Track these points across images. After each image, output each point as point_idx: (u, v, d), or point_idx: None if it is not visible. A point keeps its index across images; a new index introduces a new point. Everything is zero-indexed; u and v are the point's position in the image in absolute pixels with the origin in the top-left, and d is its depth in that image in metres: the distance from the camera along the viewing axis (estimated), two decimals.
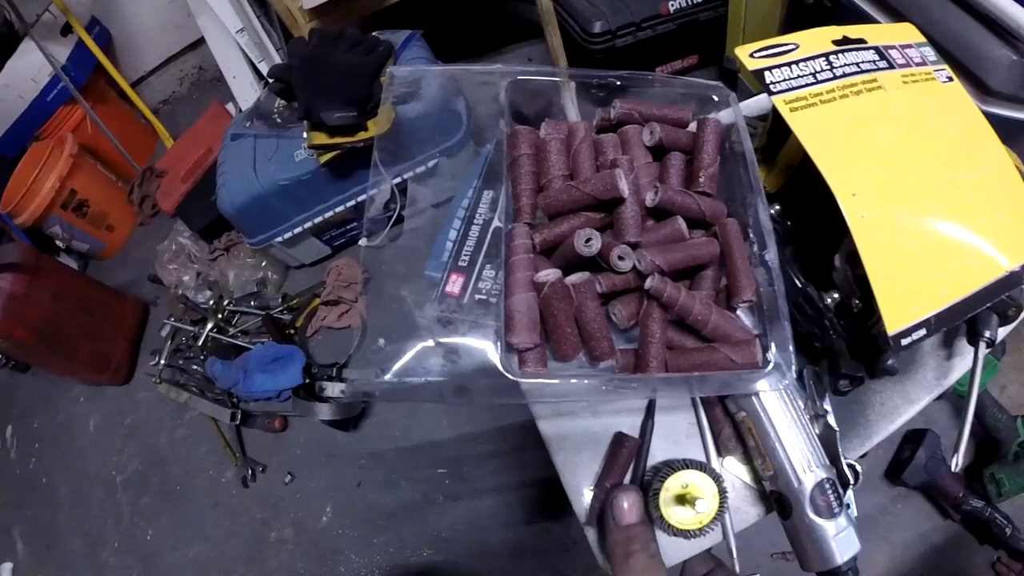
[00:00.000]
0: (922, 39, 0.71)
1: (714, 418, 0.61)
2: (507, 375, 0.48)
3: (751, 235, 0.56)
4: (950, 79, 0.68)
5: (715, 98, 0.64)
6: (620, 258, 0.50)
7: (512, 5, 2.09)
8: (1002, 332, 0.63)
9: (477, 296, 0.57)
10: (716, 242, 0.54)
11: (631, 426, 0.62)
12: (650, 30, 1.56)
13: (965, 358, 0.67)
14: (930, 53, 0.70)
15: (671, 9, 1.55)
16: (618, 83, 0.59)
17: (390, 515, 1.46)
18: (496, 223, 0.60)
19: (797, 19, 1.34)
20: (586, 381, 0.49)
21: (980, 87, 0.96)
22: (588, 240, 0.49)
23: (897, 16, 1.06)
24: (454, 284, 0.59)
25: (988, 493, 1.23)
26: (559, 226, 0.53)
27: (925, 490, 1.28)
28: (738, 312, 0.56)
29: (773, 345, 0.53)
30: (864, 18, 1.12)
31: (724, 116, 0.65)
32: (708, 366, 0.53)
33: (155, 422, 1.78)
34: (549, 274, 0.50)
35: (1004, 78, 0.94)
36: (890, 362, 0.62)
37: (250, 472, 1.58)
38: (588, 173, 0.55)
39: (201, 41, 2.02)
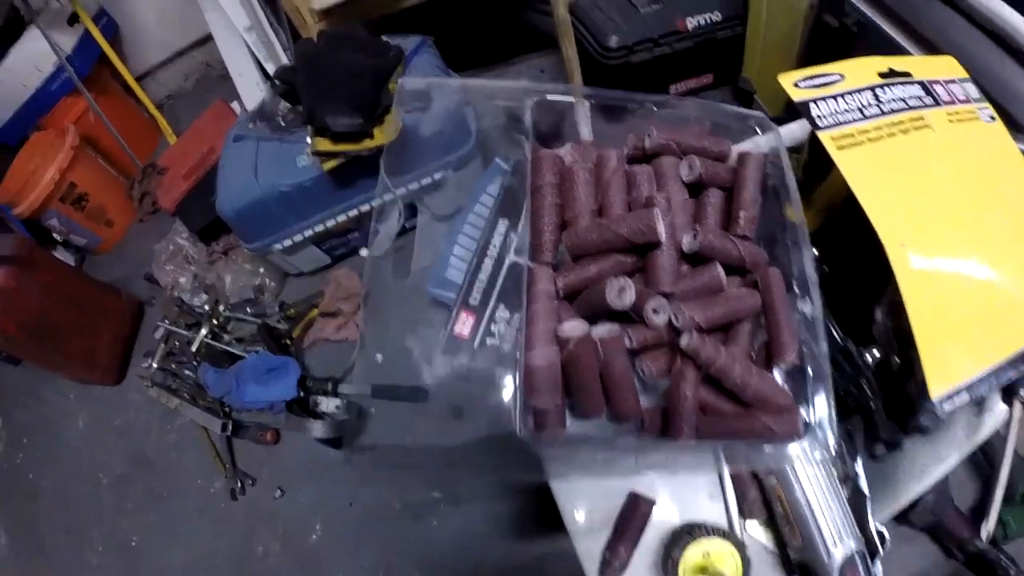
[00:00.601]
0: (964, 74, 0.69)
1: (740, 479, 0.56)
2: (525, 440, 0.43)
3: (794, 286, 0.51)
4: (993, 118, 0.66)
5: (758, 130, 0.58)
6: (655, 311, 0.44)
7: (525, 15, 2.05)
8: None
9: (489, 340, 0.52)
10: (757, 295, 0.49)
11: (647, 485, 0.56)
12: (667, 47, 1.51)
13: (996, 414, 0.62)
14: (973, 90, 0.67)
15: (689, 26, 1.50)
16: (655, 108, 0.54)
17: (381, 535, 1.41)
18: (513, 257, 0.54)
19: (819, 42, 1.30)
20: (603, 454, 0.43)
21: (1009, 122, 0.93)
22: (621, 291, 0.43)
23: (926, 44, 1.04)
24: (464, 324, 0.53)
25: (995, 534, 1.20)
26: (586, 269, 0.47)
27: (931, 530, 1.24)
28: (774, 371, 0.50)
29: (813, 410, 0.48)
30: (890, 44, 1.09)
31: (759, 145, 0.60)
32: (744, 434, 0.47)
33: (145, 425, 1.73)
34: (575, 327, 0.44)
35: None
36: (924, 421, 0.58)
37: (239, 484, 1.53)
38: (619, 209, 0.50)
39: (209, 37, 1.97)
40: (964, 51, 0.95)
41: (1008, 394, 0.59)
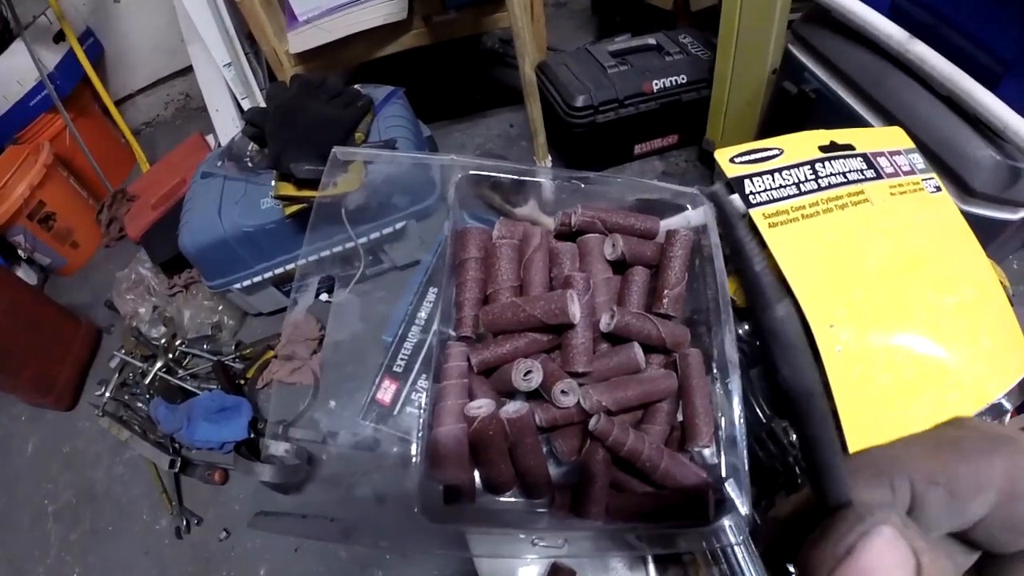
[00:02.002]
0: (911, 144, 0.68)
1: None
2: (424, 516, 0.42)
3: (714, 367, 0.51)
4: (938, 189, 0.65)
5: (688, 207, 0.60)
6: (563, 392, 0.45)
7: (498, 70, 2.09)
8: None
9: (409, 408, 0.52)
10: (674, 376, 0.49)
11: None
12: (632, 108, 1.54)
13: None
14: (919, 160, 0.67)
15: (655, 88, 1.54)
16: (583, 185, 0.55)
17: None
18: (436, 326, 0.55)
19: (780, 108, 1.34)
20: (515, 538, 0.43)
21: (963, 188, 0.95)
22: (527, 374, 0.44)
23: (881, 111, 1.05)
24: (386, 391, 0.53)
25: None
26: (501, 346, 0.48)
27: None
28: (691, 452, 0.51)
29: (728, 491, 0.48)
30: (847, 112, 1.11)
31: (695, 216, 0.60)
32: (656, 515, 0.47)
33: (94, 455, 1.69)
34: (482, 406, 0.44)
35: (987, 179, 0.93)
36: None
37: (185, 523, 1.49)
38: (539, 287, 0.50)
39: (191, 68, 2.00)
40: (920, 118, 0.98)
41: None
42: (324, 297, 1.01)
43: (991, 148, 0.92)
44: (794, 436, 0.61)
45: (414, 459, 0.44)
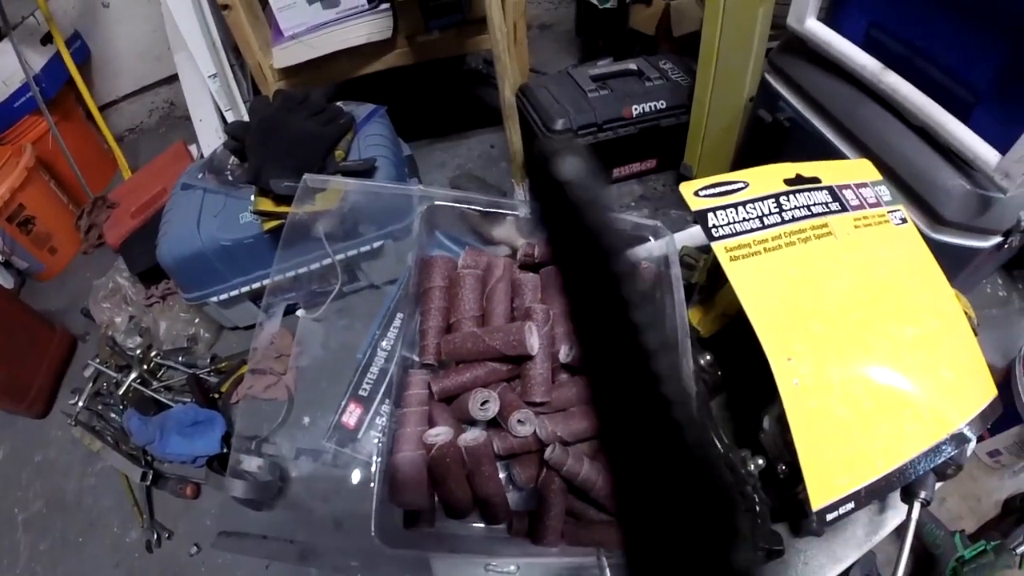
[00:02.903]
0: (878, 176, 0.69)
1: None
2: (378, 541, 0.43)
3: None
4: (903, 221, 0.66)
5: (651, 239, 0.61)
6: (520, 422, 0.46)
7: (481, 90, 2.11)
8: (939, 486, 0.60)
9: (372, 432, 0.53)
10: None
11: None
12: (611, 132, 1.56)
13: (899, 511, 0.63)
14: (885, 193, 0.67)
15: (634, 113, 1.56)
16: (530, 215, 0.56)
17: None
18: (400, 352, 0.56)
19: (755, 135, 1.36)
20: (469, 562, 0.44)
21: (933, 216, 0.96)
22: (484, 403, 0.45)
23: (854, 140, 1.06)
24: (351, 415, 0.54)
25: None
26: (461, 375, 0.49)
27: None
28: None
29: None
30: (820, 140, 1.12)
31: (657, 247, 0.62)
32: (610, 542, 0.48)
33: (65, 465, 1.66)
34: (440, 434, 0.45)
35: (957, 207, 0.93)
36: (815, 524, 0.59)
37: (156, 536, 1.47)
38: (500, 318, 0.51)
39: (177, 77, 1.99)
40: (892, 148, 0.99)
41: (907, 494, 0.59)
42: (300, 313, 1.01)
43: (962, 178, 0.93)
44: (752, 467, 0.62)
45: (372, 484, 0.45)
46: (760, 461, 0.62)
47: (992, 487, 1.27)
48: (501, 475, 0.49)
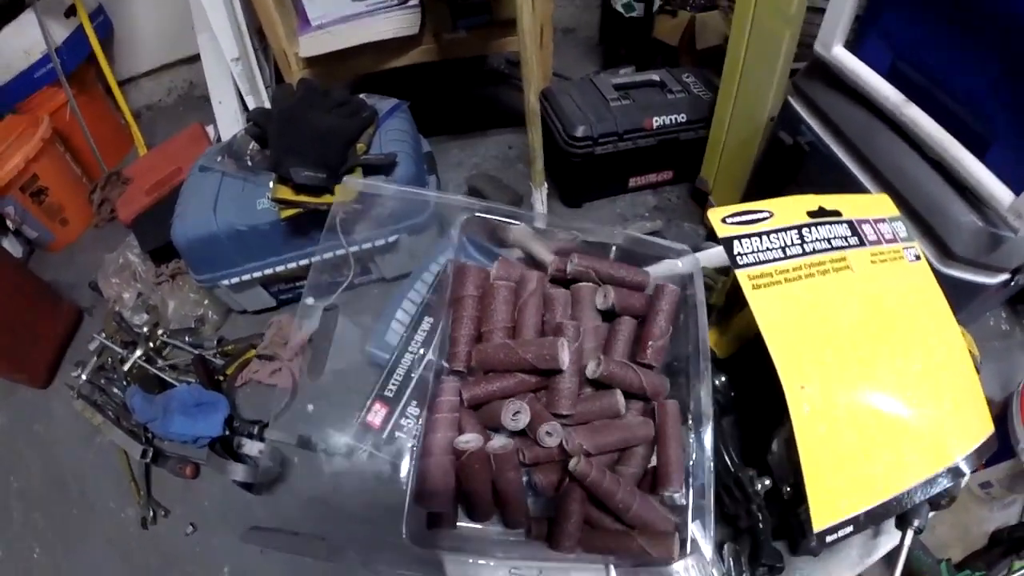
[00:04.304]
0: (895, 212, 0.71)
1: None
2: (408, 541, 0.44)
3: (689, 418, 0.54)
4: (917, 258, 0.68)
5: (680, 264, 0.62)
6: (548, 434, 0.47)
7: (502, 91, 2.12)
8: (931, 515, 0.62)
9: (398, 433, 0.54)
10: (651, 424, 0.52)
11: None
12: (631, 142, 1.57)
13: (891, 536, 0.65)
14: (901, 229, 0.69)
15: (655, 125, 1.57)
16: (578, 234, 0.58)
17: None
18: (430, 356, 0.57)
19: (773, 156, 1.36)
20: (489, 563, 0.45)
21: (943, 250, 0.96)
22: (516, 414, 0.46)
23: (871, 168, 1.07)
24: (376, 415, 0.55)
25: None
26: (491, 384, 0.50)
27: None
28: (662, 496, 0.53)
29: (694, 535, 0.50)
30: (838, 166, 1.13)
31: (683, 265, 0.63)
32: (623, 553, 0.50)
33: (64, 438, 1.66)
34: (470, 441, 0.47)
35: (967, 243, 0.94)
36: (813, 544, 0.61)
37: (152, 514, 1.48)
38: (531, 331, 0.53)
39: (198, 57, 1.99)
40: (908, 179, 0.98)
41: (902, 521, 0.60)
42: (310, 301, 1.02)
43: (974, 214, 0.94)
44: (759, 486, 0.64)
45: (404, 485, 0.46)
46: (767, 481, 0.64)
47: (982, 518, 1.28)
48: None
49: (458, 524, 0.49)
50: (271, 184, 1.21)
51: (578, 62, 2.28)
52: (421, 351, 0.59)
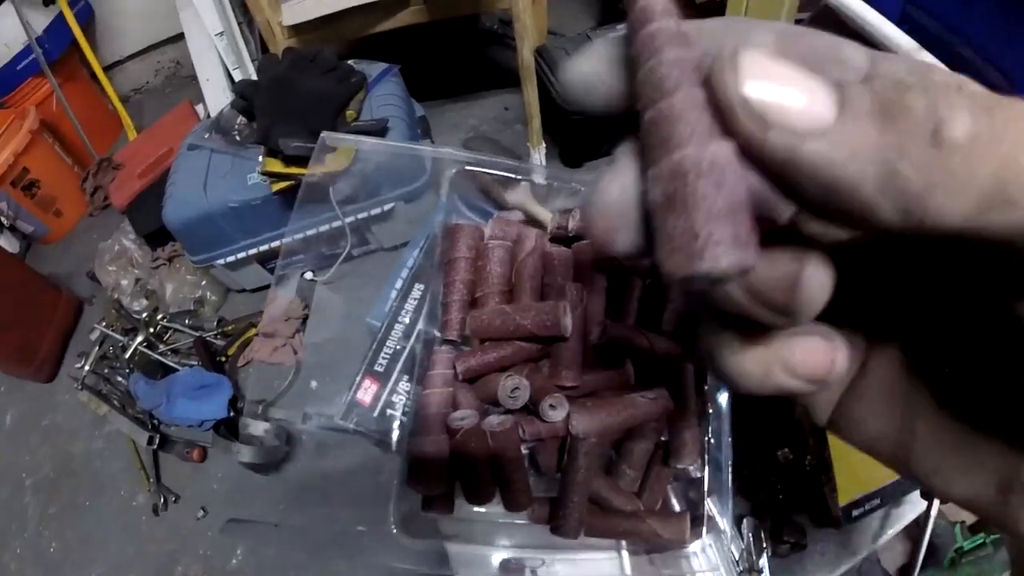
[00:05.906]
0: None
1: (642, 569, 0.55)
2: (396, 531, 0.41)
3: (705, 387, 0.49)
4: None
5: None
6: (551, 407, 0.43)
7: (496, 51, 2.05)
8: None
9: (389, 411, 0.50)
10: (662, 399, 0.47)
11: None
12: None
13: (915, 506, 0.62)
14: None
15: None
16: (581, 188, 0.53)
17: (303, 566, 1.36)
18: (420, 326, 0.52)
19: None
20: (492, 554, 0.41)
21: None
22: (514, 391, 0.42)
23: None
24: (366, 392, 0.51)
25: None
26: (487, 354, 0.46)
27: None
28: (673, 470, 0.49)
29: (710, 511, 0.46)
30: None
31: None
32: (632, 535, 0.46)
33: (72, 429, 1.67)
34: (465, 417, 0.43)
35: None
36: (840, 519, 0.58)
37: (162, 500, 1.48)
38: (531, 294, 0.48)
39: (183, 36, 1.94)
40: None
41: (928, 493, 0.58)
42: (309, 275, 0.99)
43: None
44: (780, 457, 0.61)
45: (393, 463, 0.42)
46: (788, 453, 0.61)
47: None
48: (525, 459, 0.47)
49: (455, 508, 0.45)
50: (260, 158, 1.17)
51: (575, 18, 2.20)
52: (410, 320, 0.54)
